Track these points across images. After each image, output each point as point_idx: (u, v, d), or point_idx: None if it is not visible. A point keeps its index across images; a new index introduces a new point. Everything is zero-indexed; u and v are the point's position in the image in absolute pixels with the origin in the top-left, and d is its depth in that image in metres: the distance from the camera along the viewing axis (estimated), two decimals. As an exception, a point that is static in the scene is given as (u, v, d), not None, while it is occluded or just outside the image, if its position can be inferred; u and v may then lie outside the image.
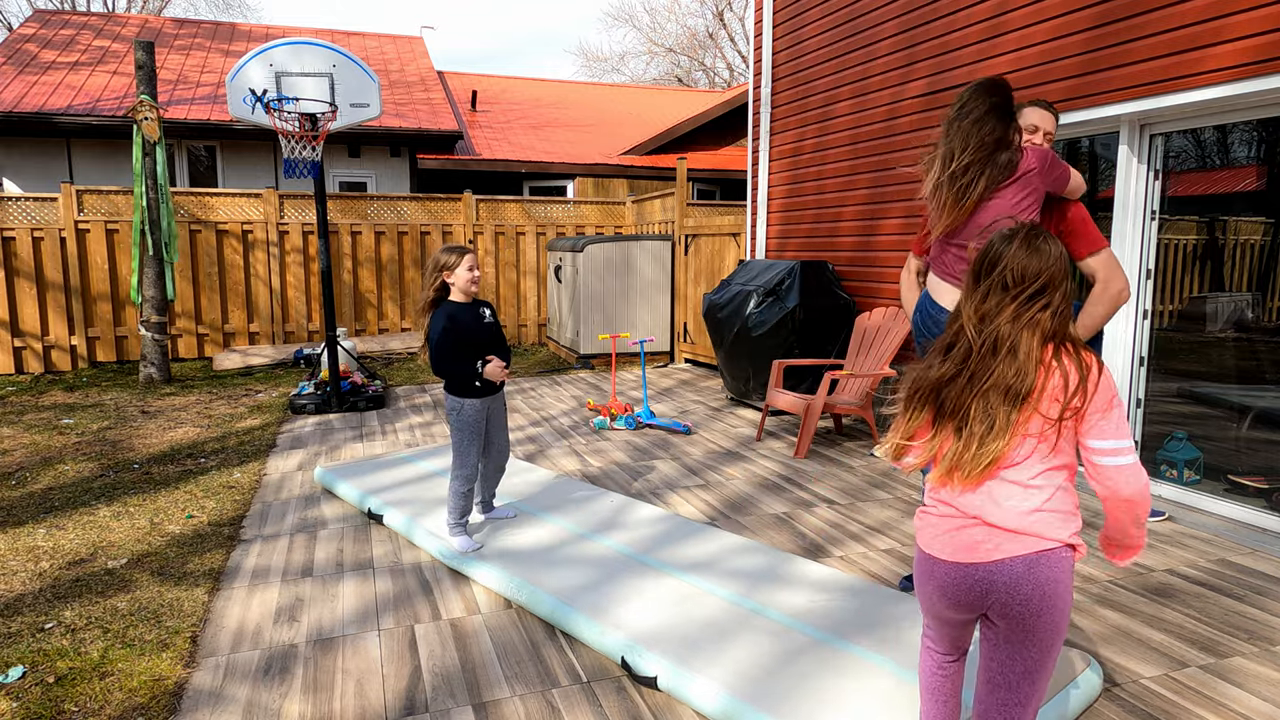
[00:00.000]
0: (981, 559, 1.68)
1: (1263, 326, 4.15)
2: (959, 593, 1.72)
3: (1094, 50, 4.61)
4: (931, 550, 1.77)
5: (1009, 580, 1.66)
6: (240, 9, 29.38)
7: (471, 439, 3.63)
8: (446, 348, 3.50)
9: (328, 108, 6.54)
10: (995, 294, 1.73)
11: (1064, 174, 2.82)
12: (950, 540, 1.73)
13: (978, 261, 1.80)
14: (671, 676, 2.58)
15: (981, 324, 1.72)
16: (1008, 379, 1.66)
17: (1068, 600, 1.68)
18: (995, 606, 1.68)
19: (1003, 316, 1.70)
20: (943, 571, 1.74)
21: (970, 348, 1.72)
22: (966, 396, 1.70)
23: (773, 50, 7.66)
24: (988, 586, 1.67)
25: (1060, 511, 1.69)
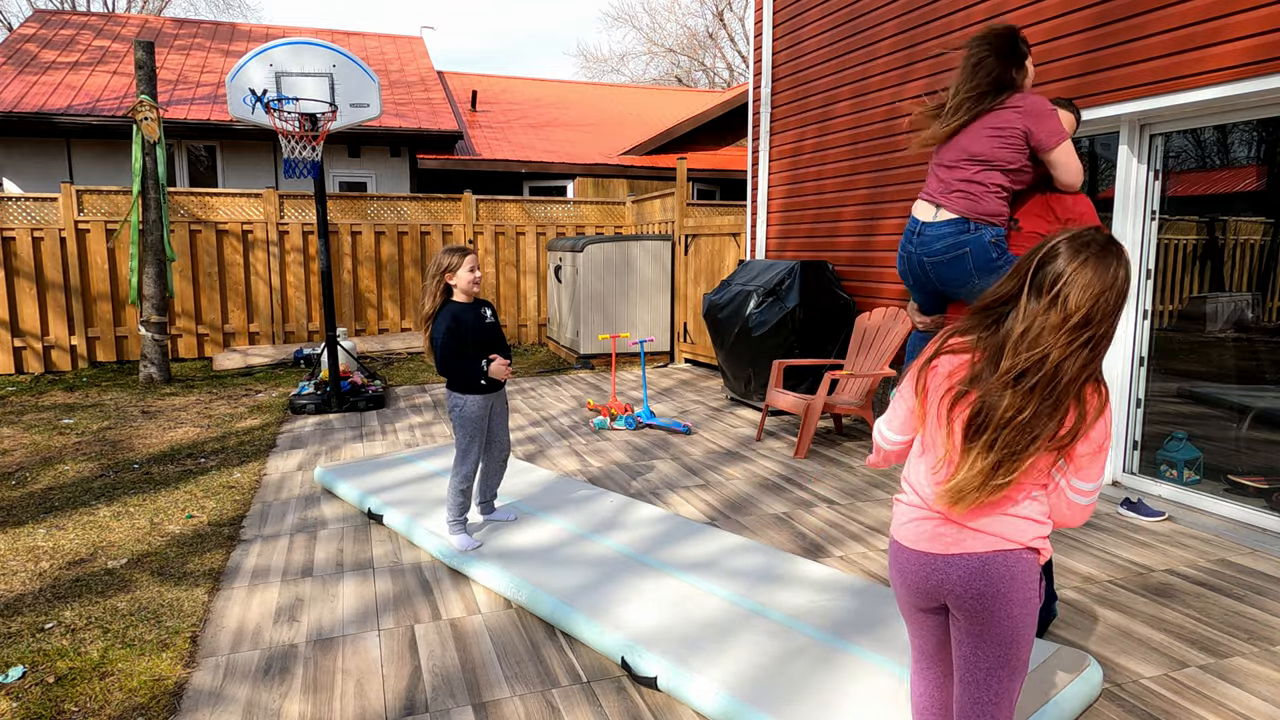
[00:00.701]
0: (940, 550, 1.68)
1: (1263, 326, 4.15)
2: (918, 580, 1.72)
3: (1093, 50, 4.61)
4: (898, 536, 1.76)
5: (963, 574, 1.65)
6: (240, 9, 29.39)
7: (474, 435, 3.65)
8: (451, 348, 3.53)
9: (328, 108, 6.54)
10: (1045, 313, 1.56)
11: (1052, 133, 2.77)
12: (914, 529, 1.72)
13: (1032, 265, 1.62)
14: (671, 676, 2.58)
15: (1023, 345, 1.57)
16: (1045, 419, 1.57)
17: (1027, 598, 1.65)
18: (951, 599, 1.69)
19: (1054, 343, 1.55)
20: (905, 558, 1.74)
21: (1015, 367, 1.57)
22: (1010, 422, 1.57)
23: (773, 50, 7.66)
24: (943, 578, 1.68)
25: (1027, 518, 1.66)
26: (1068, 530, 4.04)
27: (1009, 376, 1.57)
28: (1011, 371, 1.56)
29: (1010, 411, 1.56)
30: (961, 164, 2.86)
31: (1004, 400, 1.56)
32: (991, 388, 1.59)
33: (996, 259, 2.80)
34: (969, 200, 2.84)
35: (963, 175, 2.86)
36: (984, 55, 2.85)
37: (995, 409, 1.57)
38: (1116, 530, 4.06)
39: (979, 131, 2.83)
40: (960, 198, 2.86)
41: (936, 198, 2.94)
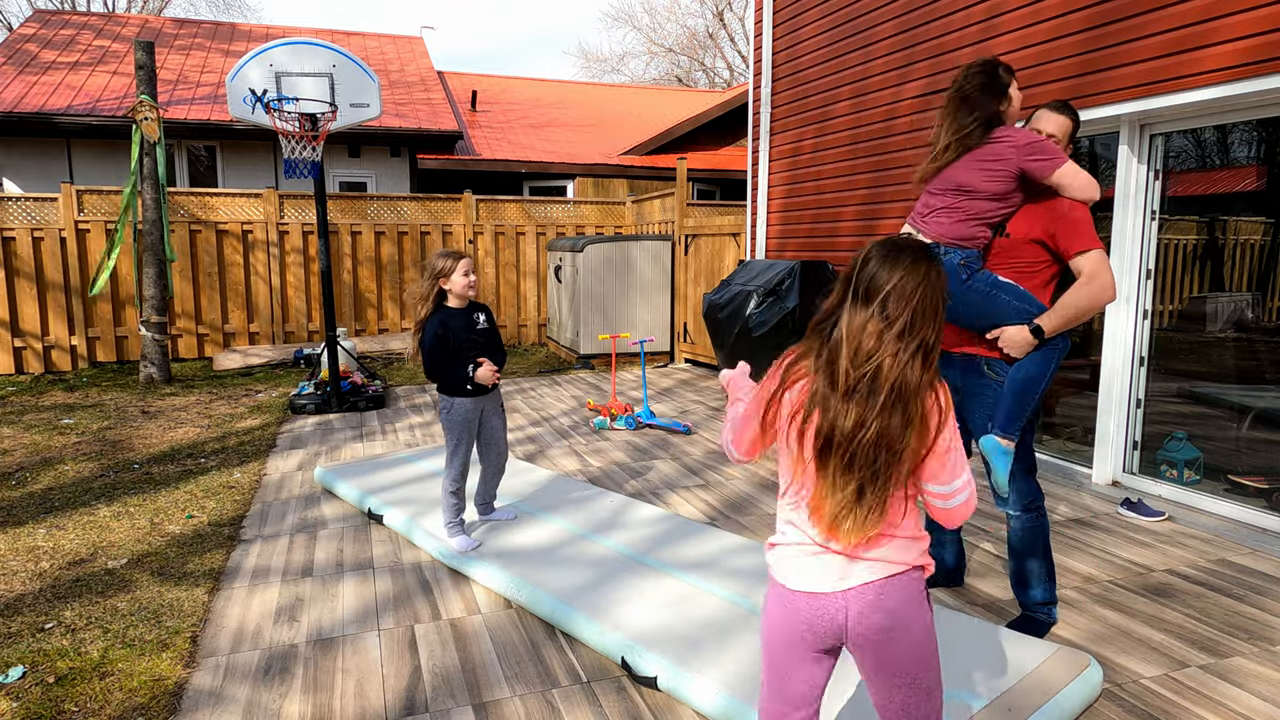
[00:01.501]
0: (829, 587, 1.57)
1: (1263, 326, 4.15)
2: (810, 623, 1.59)
3: (1093, 50, 4.61)
4: (781, 578, 1.63)
5: (860, 608, 1.55)
6: (240, 9, 29.40)
7: (461, 437, 3.64)
8: (438, 353, 3.53)
9: (328, 108, 6.54)
10: (867, 323, 1.51)
11: (1049, 162, 2.76)
12: (799, 567, 1.61)
13: (851, 274, 1.56)
14: (671, 676, 2.58)
15: (854, 356, 1.50)
16: (898, 432, 1.49)
17: (925, 618, 1.59)
18: (849, 637, 1.58)
19: (884, 353, 1.49)
20: (793, 602, 1.61)
21: (848, 378, 1.50)
22: (859, 451, 1.50)
23: (772, 50, 7.66)
24: (837, 616, 1.57)
25: (910, 536, 1.59)
26: (1068, 530, 4.04)
27: (846, 390, 1.50)
28: (847, 385, 1.50)
29: (856, 427, 1.48)
30: (946, 192, 2.89)
31: (848, 416, 1.49)
32: (833, 404, 1.51)
33: (966, 280, 2.82)
34: (941, 226, 2.88)
35: (944, 201, 2.89)
36: (967, 94, 2.87)
37: (841, 426, 1.50)
38: (1116, 530, 4.06)
39: (968, 164, 2.85)
40: (934, 223, 2.90)
41: (915, 221, 3.00)
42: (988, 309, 2.83)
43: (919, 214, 3.00)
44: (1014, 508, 2.96)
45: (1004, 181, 2.81)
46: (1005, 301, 2.82)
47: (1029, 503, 2.94)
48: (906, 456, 1.51)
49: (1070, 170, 2.80)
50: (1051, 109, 3.00)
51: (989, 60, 2.92)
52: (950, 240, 2.87)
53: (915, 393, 1.49)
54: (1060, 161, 2.79)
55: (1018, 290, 2.83)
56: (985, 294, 2.82)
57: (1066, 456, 5.03)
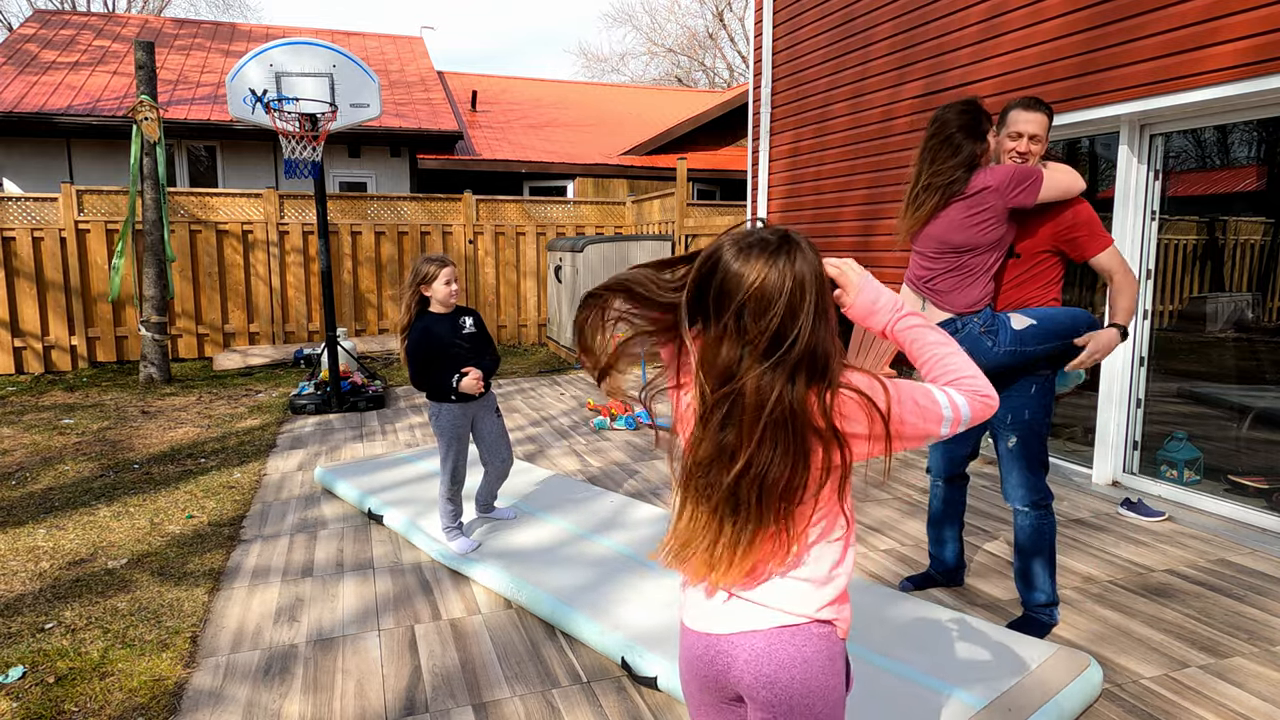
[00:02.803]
0: (720, 629, 1.36)
1: (1263, 326, 4.15)
2: (702, 668, 1.39)
3: (1093, 50, 4.61)
4: (682, 614, 1.44)
5: (749, 658, 1.32)
6: (240, 9, 29.40)
7: (450, 444, 3.59)
8: (420, 361, 3.49)
9: (328, 108, 6.54)
10: (731, 337, 1.23)
11: (1030, 189, 2.76)
12: (694, 603, 1.41)
13: (699, 282, 1.27)
14: (672, 676, 2.58)
15: (723, 380, 1.24)
16: (774, 468, 1.23)
17: (828, 688, 1.33)
18: (744, 690, 1.35)
19: (748, 371, 1.22)
20: (688, 641, 1.42)
21: (704, 410, 1.26)
22: (719, 482, 1.26)
23: (772, 51, 7.66)
24: (728, 662, 1.35)
25: (807, 579, 1.33)
26: (1068, 530, 4.04)
27: (703, 414, 1.26)
28: (704, 408, 1.26)
29: (712, 459, 1.25)
30: (945, 255, 2.87)
31: (702, 445, 1.27)
32: (694, 426, 1.29)
33: (992, 346, 2.83)
34: (951, 296, 2.87)
35: (946, 266, 2.87)
36: (949, 135, 2.84)
37: (696, 454, 1.28)
38: (1116, 530, 4.06)
39: (955, 220, 2.82)
40: (944, 295, 2.89)
41: (923, 290, 2.96)
42: (1020, 362, 2.85)
43: (919, 279, 2.97)
44: (1022, 503, 2.95)
45: (996, 228, 2.80)
46: (1033, 351, 2.83)
47: (1038, 499, 2.93)
48: (795, 489, 1.26)
49: (1052, 183, 2.79)
50: (1025, 107, 2.89)
51: (972, 102, 2.88)
52: (965, 308, 2.86)
53: (798, 417, 1.22)
54: (1039, 181, 2.78)
55: (1034, 328, 2.82)
56: (1014, 353, 2.83)
57: (1066, 456, 5.03)
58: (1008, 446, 2.94)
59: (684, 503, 1.32)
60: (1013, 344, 2.81)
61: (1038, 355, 2.84)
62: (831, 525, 1.34)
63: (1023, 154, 2.86)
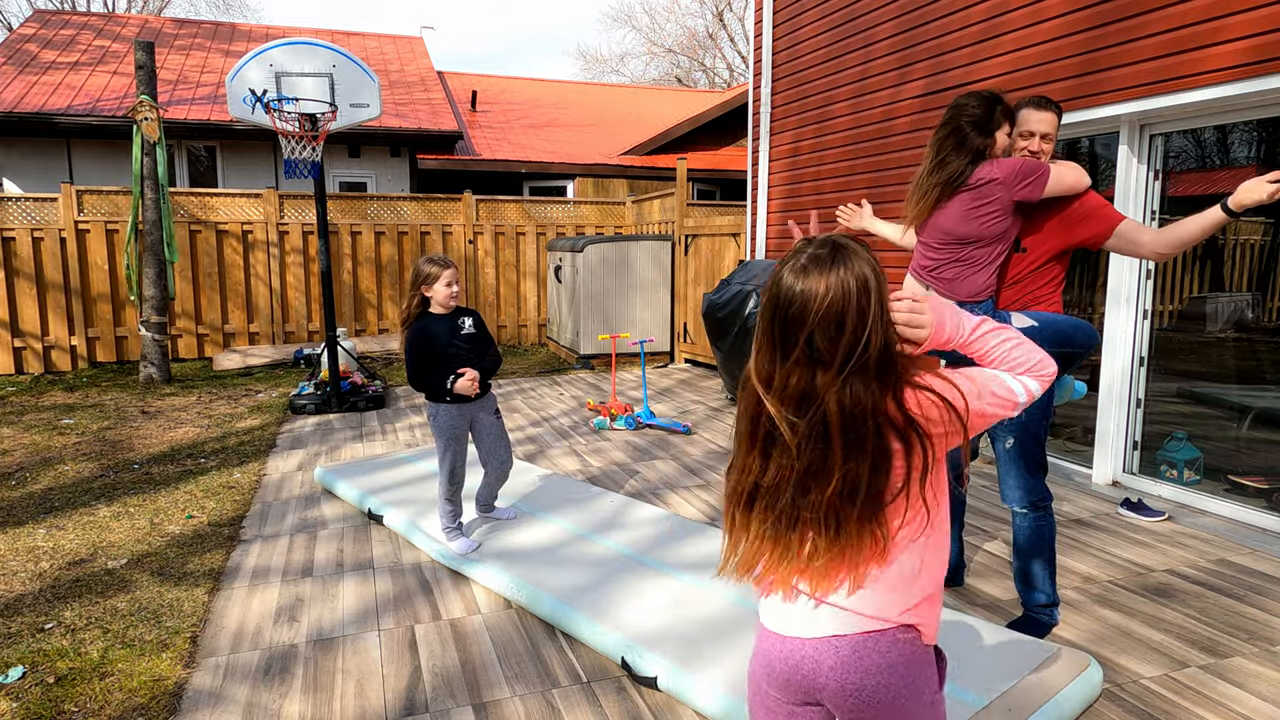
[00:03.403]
0: (803, 632, 1.34)
1: (1263, 326, 4.15)
2: (784, 672, 1.37)
3: (1093, 50, 4.61)
4: (762, 616, 1.42)
5: (834, 664, 1.32)
6: (240, 9, 29.40)
7: (448, 444, 3.59)
8: (418, 361, 3.50)
9: (327, 108, 6.54)
10: (802, 361, 1.26)
11: (1036, 182, 2.76)
12: (776, 603, 1.39)
13: (772, 310, 1.29)
14: (671, 676, 2.58)
15: (802, 405, 1.26)
16: (864, 475, 1.25)
17: (921, 696, 1.33)
18: (828, 699, 1.35)
19: (827, 389, 1.25)
20: (767, 643, 1.40)
21: (789, 442, 1.26)
22: (809, 500, 1.27)
23: (772, 50, 7.66)
24: (813, 668, 1.33)
25: (889, 586, 1.33)
26: (1068, 530, 4.04)
27: (799, 447, 1.26)
28: (798, 443, 1.26)
29: (803, 485, 1.27)
30: (949, 246, 2.88)
31: (803, 472, 1.27)
32: (763, 463, 1.31)
33: None
34: (954, 284, 2.88)
35: (950, 256, 2.88)
36: (958, 126, 2.84)
37: (782, 485, 1.29)
38: (1116, 530, 4.06)
39: (960, 211, 2.83)
40: (947, 283, 2.90)
41: (925, 278, 2.98)
42: None
43: (922, 269, 2.98)
44: (1019, 505, 2.95)
45: (1002, 220, 2.81)
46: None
47: (1037, 500, 2.93)
48: (882, 491, 1.27)
49: (1057, 177, 2.80)
50: (1035, 106, 2.92)
51: (989, 95, 2.87)
52: (969, 297, 2.87)
53: (880, 420, 1.25)
54: (1046, 176, 2.78)
55: (1035, 330, 2.81)
56: None
57: (1066, 456, 5.03)
58: (1005, 448, 2.93)
59: (743, 523, 1.34)
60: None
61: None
62: (917, 528, 1.33)
63: (1035, 153, 2.89)
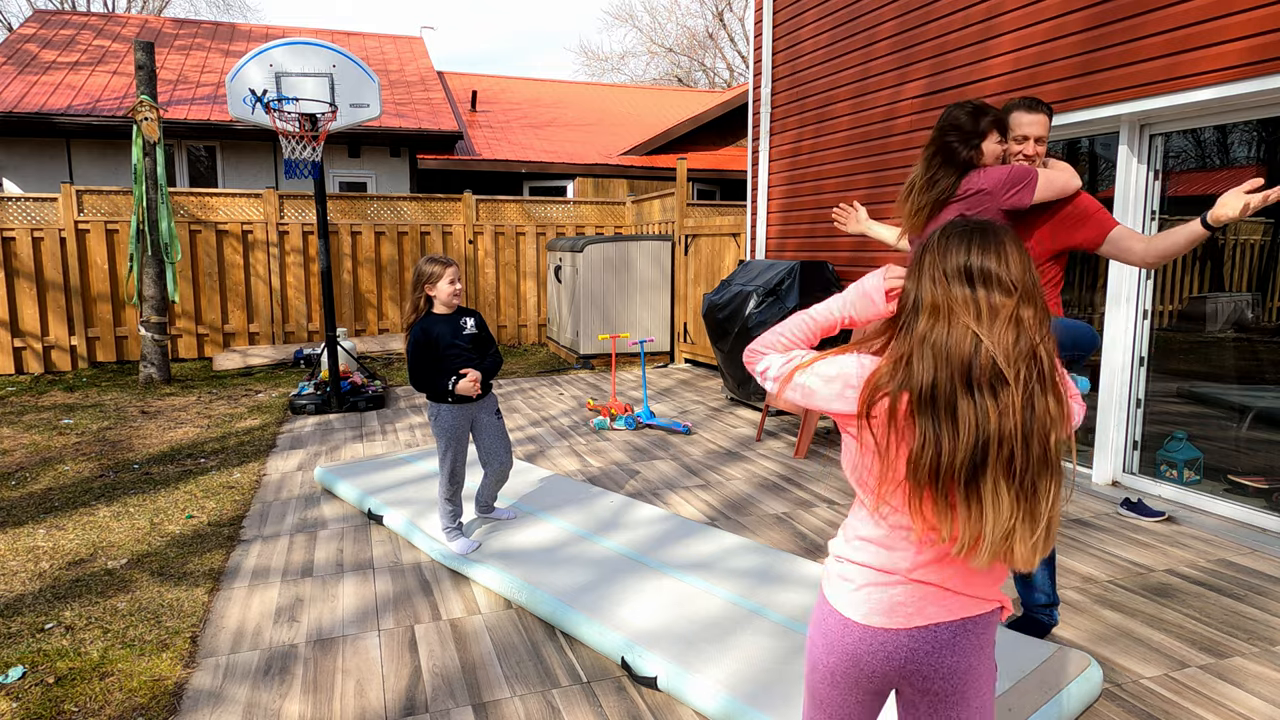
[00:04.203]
0: (899, 624, 1.36)
1: (1263, 326, 4.15)
2: (869, 663, 1.38)
3: (1092, 50, 4.61)
4: (844, 607, 1.41)
5: (930, 649, 1.35)
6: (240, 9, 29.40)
7: (449, 444, 3.59)
8: (419, 361, 3.50)
9: (328, 108, 6.54)
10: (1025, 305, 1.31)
11: (1025, 189, 2.75)
12: (866, 598, 1.39)
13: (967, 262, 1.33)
14: (671, 676, 2.58)
15: (1023, 361, 1.29)
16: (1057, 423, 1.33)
17: (993, 672, 1.42)
18: (910, 680, 1.38)
19: (1034, 333, 1.30)
20: (853, 635, 1.39)
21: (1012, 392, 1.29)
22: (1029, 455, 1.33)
23: (772, 51, 7.66)
24: (905, 656, 1.36)
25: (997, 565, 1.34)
26: (1068, 530, 4.04)
27: (1021, 397, 1.29)
28: (1014, 394, 1.30)
29: (1026, 430, 1.31)
30: None
31: (1009, 417, 1.28)
32: (970, 413, 1.28)
33: None
34: None
35: None
36: (943, 142, 2.84)
37: (991, 435, 1.29)
38: (1116, 530, 4.06)
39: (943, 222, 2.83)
40: None
41: None
42: None
43: None
44: None
45: None
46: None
47: None
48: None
49: (1048, 183, 2.78)
50: (1025, 109, 2.88)
51: (973, 105, 2.85)
52: None
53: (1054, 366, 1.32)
54: (1035, 182, 2.77)
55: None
56: None
57: (1066, 457, 5.02)
58: None
59: (954, 501, 1.28)
60: None
61: None
62: None
63: (1029, 156, 2.87)
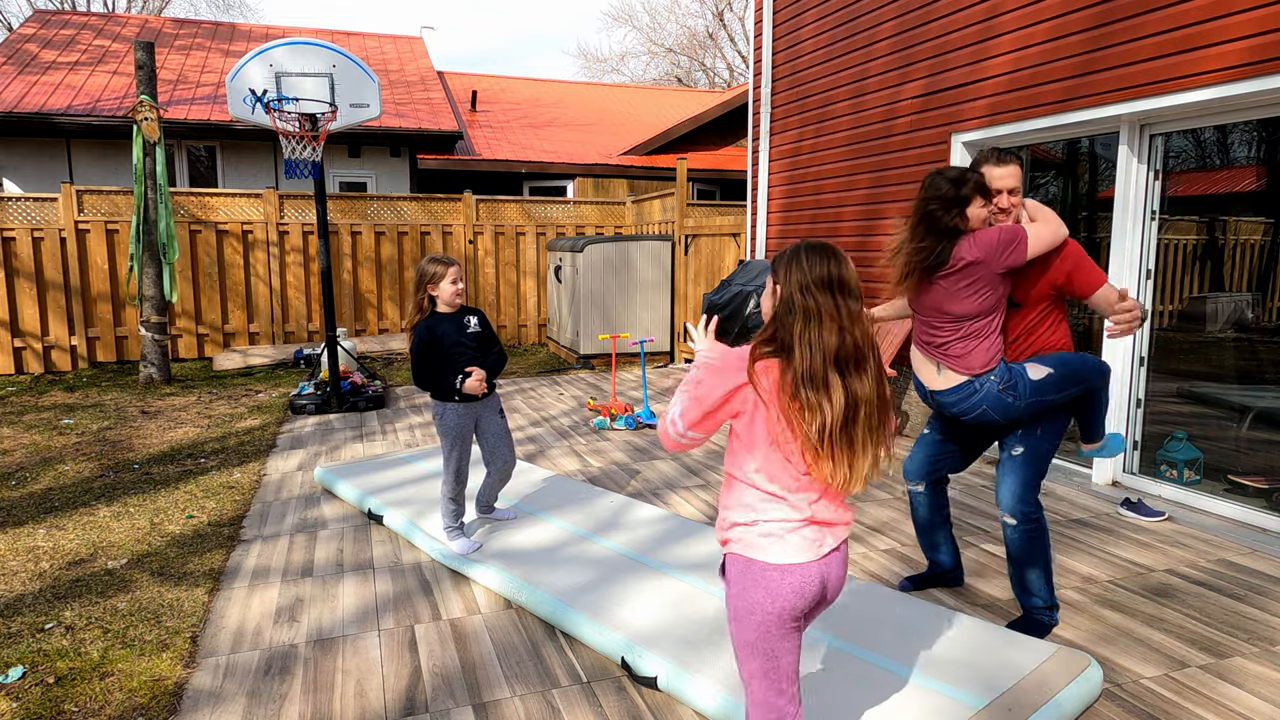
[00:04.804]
0: (816, 555, 1.77)
1: (1263, 326, 4.15)
2: (814, 592, 1.77)
3: (1093, 50, 4.60)
4: (784, 558, 1.75)
5: (838, 568, 1.82)
6: (240, 9, 29.39)
7: (454, 444, 3.60)
8: (424, 361, 3.50)
9: (328, 108, 6.54)
10: (851, 304, 1.75)
11: (1017, 250, 2.77)
12: (799, 543, 1.77)
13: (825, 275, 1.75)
14: (671, 676, 2.58)
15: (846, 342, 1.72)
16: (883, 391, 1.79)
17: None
18: (830, 597, 1.83)
19: (860, 326, 1.74)
20: (800, 575, 1.75)
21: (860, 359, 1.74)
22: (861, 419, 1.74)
23: (772, 50, 7.66)
24: (827, 576, 1.79)
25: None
26: (1068, 530, 4.04)
27: (847, 369, 1.72)
28: (849, 362, 1.72)
29: (864, 399, 1.72)
30: (946, 326, 2.89)
31: (858, 389, 1.71)
32: (836, 385, 1.70)
33: (1013, 401, 2.85)
34: (965, 359, 2.88)
35: (954, 333, 2.88)
36: (926, 212, 2.84)
37: (846, 402, 1.69)
38: (1116, 530, 4.06)
39: (949, 291, 2.83)
40: (957, 359, 2.89)
41: (935, 355, 2.97)
42: (1043, 410, 2.89)
43: (929, 344, 2.98)
44: (1011, 513, 2.95)
45: (992, 293, 2.83)
46: (1054, 399, 2.87)
47: (1029, 512, 2.93)
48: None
49: (1037, 239, 2.81)
50: (995, 162, 2.89)
51: (956, 175, 2.85)
52: (981, 369, 2.87)
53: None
54: (1025, 242, 2.79)
55: (1052, 377, 2.85)
56: (1035, 403, 2.86)
57: (1066, 457, 5.03)
58: (1012, 454, 2.95)
59: (825, 455, 1.69)
60: (1033, 395, 2.85)
61: (1059, 402, 2.89)
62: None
63: (1005, 209, 2.89)
